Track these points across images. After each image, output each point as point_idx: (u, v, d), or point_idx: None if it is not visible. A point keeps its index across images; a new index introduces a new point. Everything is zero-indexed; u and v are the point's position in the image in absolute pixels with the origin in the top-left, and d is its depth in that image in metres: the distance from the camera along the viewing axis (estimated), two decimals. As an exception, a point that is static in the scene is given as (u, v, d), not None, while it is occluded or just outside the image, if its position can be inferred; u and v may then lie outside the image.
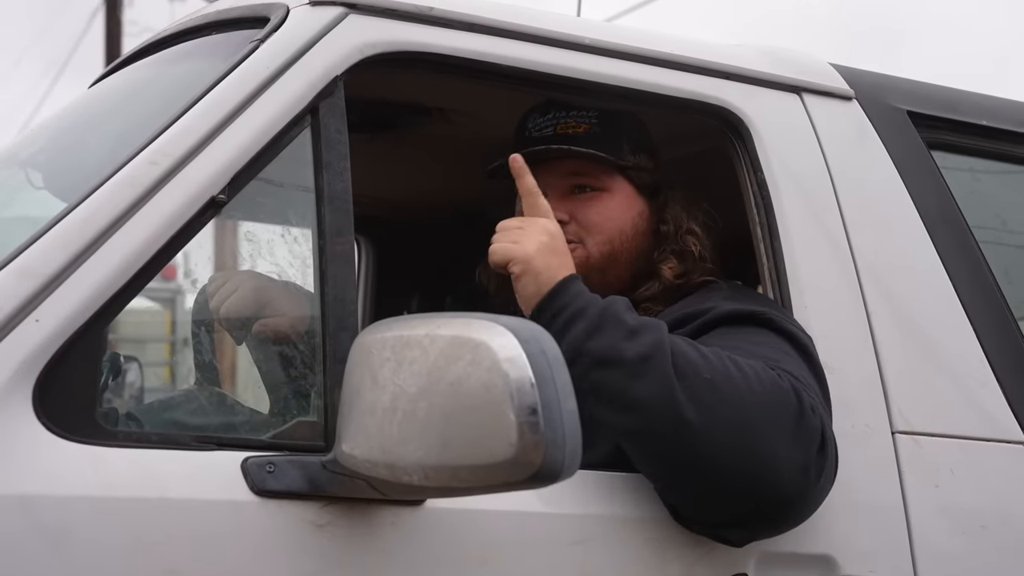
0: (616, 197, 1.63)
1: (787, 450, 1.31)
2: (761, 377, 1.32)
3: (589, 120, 1.62)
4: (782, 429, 1.31)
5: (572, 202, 1.62)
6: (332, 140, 1.31)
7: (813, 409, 1.34)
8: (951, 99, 1.87)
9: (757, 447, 1.29)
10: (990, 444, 1.61)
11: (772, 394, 1.32)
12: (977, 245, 1.73)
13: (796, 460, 1.31)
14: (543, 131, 1.64)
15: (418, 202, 2.32)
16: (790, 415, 1.32)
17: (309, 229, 1.32)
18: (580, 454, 1.03)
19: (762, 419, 1.30)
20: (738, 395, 1.30)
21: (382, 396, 1.11)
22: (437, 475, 1.07)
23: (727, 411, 1.29)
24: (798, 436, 1.32)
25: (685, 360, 1.30)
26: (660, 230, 1.64)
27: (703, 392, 1.29)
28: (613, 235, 1.61)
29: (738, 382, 1.31)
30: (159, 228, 1.21)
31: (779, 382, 1.33)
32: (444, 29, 1.44)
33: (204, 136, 1.26)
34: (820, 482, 1.35)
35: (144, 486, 1.15)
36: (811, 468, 1.32)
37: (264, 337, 1.38)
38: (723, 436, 1.29)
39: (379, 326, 1.16)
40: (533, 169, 1.61)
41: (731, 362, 1.33)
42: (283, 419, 1.29)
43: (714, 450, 1.29)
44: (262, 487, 1.18)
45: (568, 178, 1.62)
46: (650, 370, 1.29)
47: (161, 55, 1.62)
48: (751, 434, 1.29)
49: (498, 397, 1.02)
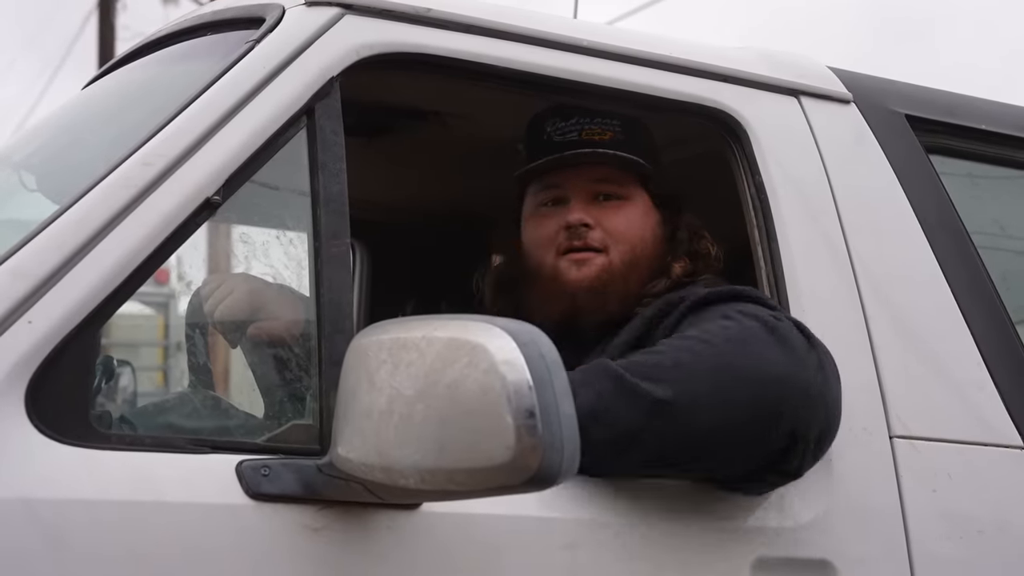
0: (638, 206, 1.66)
1: (776, 357, 1.34)
2: (711, 329, 1.37)
3: (613, 128, 1.65)
4: (761, 348, 1.34)
5: (598, 209, 1.64)
6: (328, 142, 1.31)
7: (776, 317, 1.39)
8: (950, 103, 1.88)
9: (749, 377, 1.32)
10: (988, 449, 1.62)
11: (731, 334, 1.36)
12: (976, 250, 1.73)
13: (790, 360, 1.35)
14: (567, 136, 1.65)
15: (414, 206, 2.32)
16: (760, 335, 1.35)
17: (304, 232, 1.32)
18: (578, 458, 1.04)
19: (739, 354, 1.34)
20: (704, 357, 1.33)
21: (378, 399, 1.11)
22: (434, 478, 1.07)
23: (705, 373, 1.32)
24: (780, 343, 1.35)
25: (640, 367, 1.33)
26: (676, 237, 1.67)
27: (674, 375, 1.32)
28: (635, 243, 1.63)
29: (695, 346, 1.35)
30: (153, 230, 1.21)
31: (728, 323, 1.38)
32: (441, 30, 1.44)
33: (199, 137, 1.26)
34: (823, 371, 1.38)
35: (139, 489, 1.14)
36: (808, 360, 1.36)
37: (259, 340, 1.38)
38: (715, 392, 1.31)
39: (375, 328, 1.16)
40: (556, 173, 1.63)
41: (679, 339, 1.37)
42: (278, 422, 1.29)
43: (718, 408, 1.31)
44: (257, 490, 1.18)
45: (595, 184, 1.64)
46: (619, 399, 1.30)
47: (156, 56, 1.62)
48: (736, 373, 1.32)
49: (495, 400, 1.02)
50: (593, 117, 1.64)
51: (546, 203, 1.66)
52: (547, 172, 1.66)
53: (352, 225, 1.31)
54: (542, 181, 1.67)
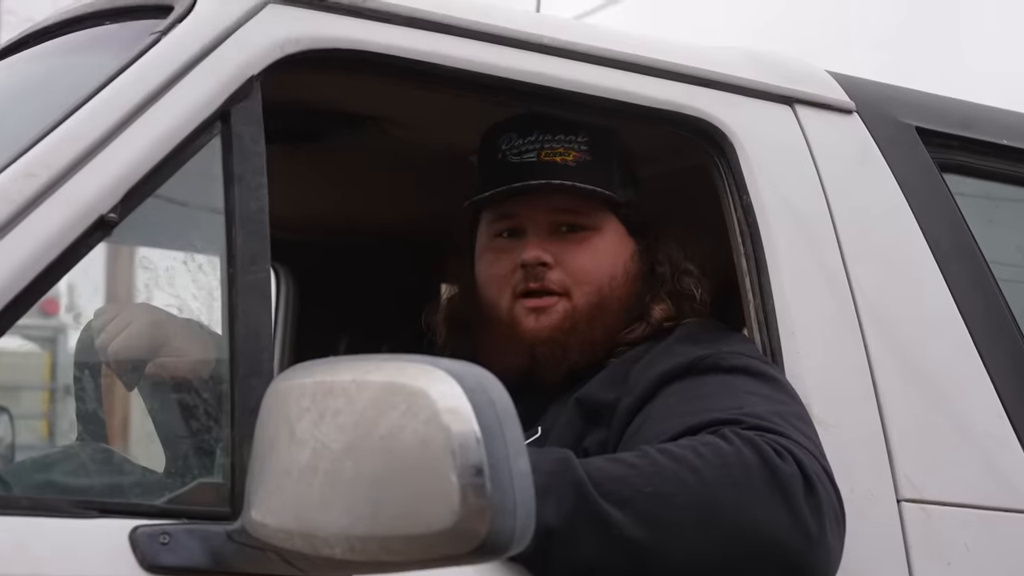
0: (607, 238, 1.64)
1: (771, 518, 1.31)
2: (703, 454, 1.32)
3: (579, 147, 1.63)
4: (754, 499, 1.31)
5: (558, 243, 1.62)
6: (246, 151, 1.32)
7: (779, 453, 1.34)
8: (966, 114, 1.92)
9: (736, 531, 1.31)
10: (1011, 515, 1.64)
11: (724, 467, 1.32)
12: (995, 282, 1.76)
13: (787, 523, 1.32)
14: (523, 156, 1.64)
15: (348, 226, 2.32)
16: (755, 478, 1.32)
17: (217, 255, 1.32)
18: (532, 523, 1.04)
19: (727, 503, 1.31)
20: (688, 491, 1.30)
21: (300, 454, 1.10)
22: (364, 547, 1.07)
23: (685, 516, 1.30)
24: (776, 495, 1.32)
25: (611, 484, 1.30)
26: (656, 271, 1.67)
27: (649, 509, 1.29)
28: (603, 283, 1.63)
29: (680, 472, 1.31)
30: (36, 252, 1.20)
31: (725, 448, 1.33)
32: (380, 24, 1.45)
33: (92, 144, 1.26)
34: (824, 532, 1.34)
35: (12, 561, 1.13)
36: (808, 522, 1.33)
37: (160, 381, 1.38)
38: (694, 541, 1.30)
39: (297, 370, 1.16)
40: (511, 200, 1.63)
41: (663, 456, 1.33)
42: (181, 480, 1.28)
43: (697, 564, 1.30)
44: (154, 562, 1.16)
45: (554, 214, 1.63)
46: (581, 524, 1.28)
47: (44, 47, 1.62)
48: (722, 522, 1.30)
49: (437, 454, 1.02)
50: (556, 133, 1.64)
51: (501, 234, 1.66)
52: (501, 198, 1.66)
53: (274, 248, 1.31)
54: (497, 208, 1.67)
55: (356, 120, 1.88)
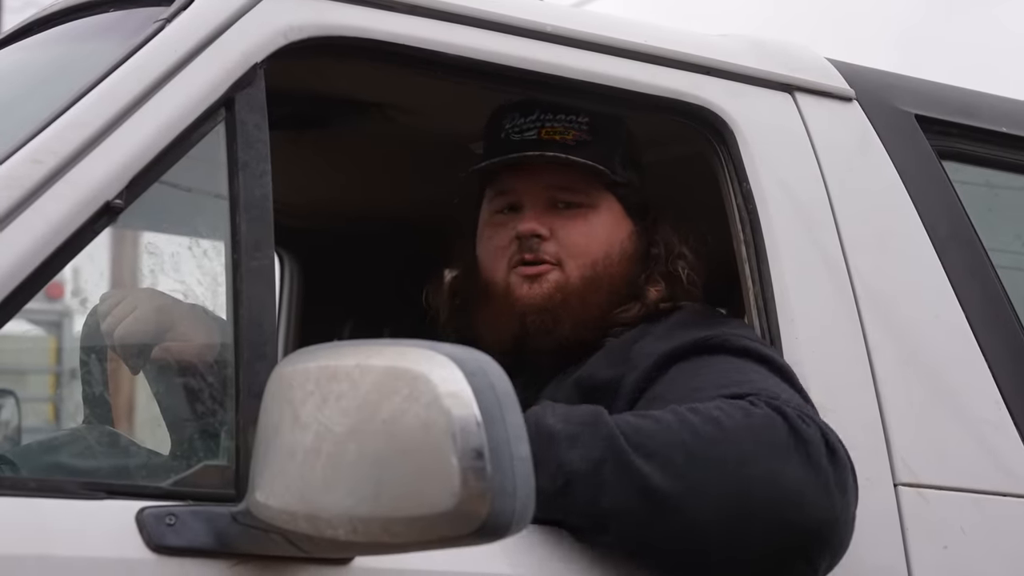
0: (603, 216, 1.66)
1: (796, 473, 1.34)
2: (729, 412, 1.35)
3: (579, 127, 1.66)
4: (779, 455, 1.34)
5: (554, 217, 1.65)
6: (250, 138, 1.32)
7: (803, 418, 1.37)
8: (966, 102, 1.92)
9: (762, 486, 1.32)
10: (1007, 500, 1.64)
11: (750, 426, 1.35)
12: (993, 269, 1.77)
13: (810, 480, 1.34)
14: (524, 134, 1.66)
15: (352, 212, 2.33)
16: (780, 436, 1.35)
17: (221, 241, 1.33)
18: (532, 505, 1.05)
19: (753, 456, 1.33)
20: (715, 444, 1.32)
21: (304, 437, 1.11)
22: (367, 528, 1.08)
23: (712, 468, 1.32)
24: (800, 453, 1.34)
25: (640, 436, 1.32)
26: (651, 253, 1.68)
27: (676, 460, 1.31)
28: (597, 259, 1.64)
29: (708, 431, 1.33)
30: (43, 238, 1.21)
31: (751, 409, 1.36)
32: (384, 11, 1.46)
33: (98, 131, 1.26)
34: (846, 495, 1.37)
35: (21, 542, 1.14)
36: (830, 482, 1.35)
37: (166, 365, 1.39)
38: (719, 495, 1.31)
39: (301, 355, 1.17)
40: (511, 176, 1.64)
41: (691, 413, 1.35)
42: (187, 463, 1.29)
43: (720, 514, 1.32)
44: (160, 542, 1.18)
45: (551, 190, 1.65)
46: (608, 471, 1.30)
47: (49, 34, 1.62)
48: (749, 475, 1.32)
49: (438, 438, 1.03)
50: (557, 113, 1.66)
51: (501, 209, 1.68)
52: (502, 175, 1.68)
53: (278, 233, 1.32)
54: (497, 185, 1.69)
55: (360, 107, 1.89)
